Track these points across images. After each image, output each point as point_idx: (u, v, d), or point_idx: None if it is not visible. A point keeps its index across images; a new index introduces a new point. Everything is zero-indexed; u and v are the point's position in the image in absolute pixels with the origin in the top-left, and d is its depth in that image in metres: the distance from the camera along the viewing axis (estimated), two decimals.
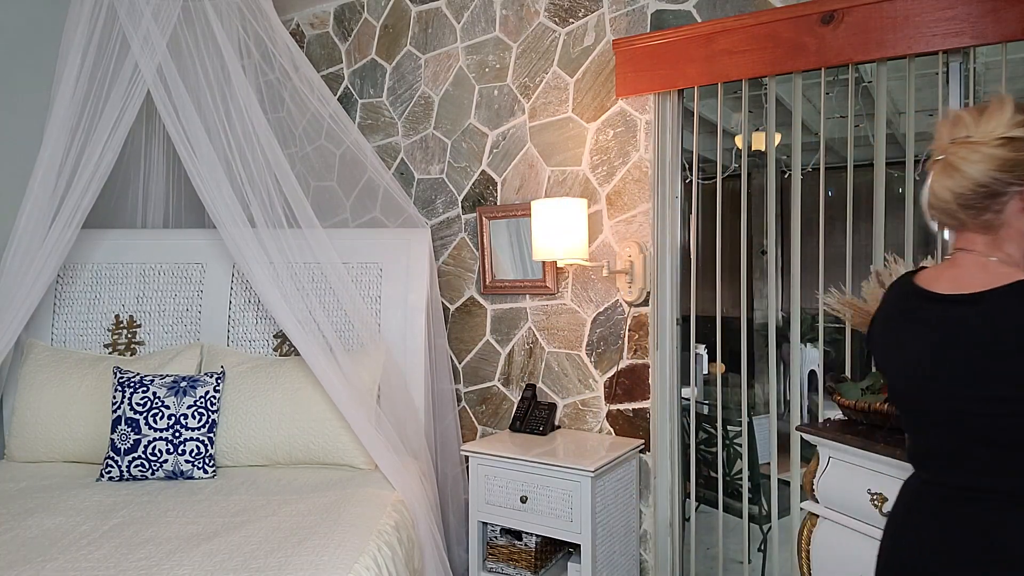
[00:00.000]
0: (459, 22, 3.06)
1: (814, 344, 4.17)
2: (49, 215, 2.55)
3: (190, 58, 2.66)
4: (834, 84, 3.05)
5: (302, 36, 3.55)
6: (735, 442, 2.97)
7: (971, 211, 1.20)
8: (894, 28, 2.08)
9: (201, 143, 2.56)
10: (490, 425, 3.03)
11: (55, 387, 2.61)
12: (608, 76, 2.68)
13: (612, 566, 2.43)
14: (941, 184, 1.22)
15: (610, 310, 2.71)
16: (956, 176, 1.20)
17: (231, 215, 2.56)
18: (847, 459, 1.74)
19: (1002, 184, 1.16)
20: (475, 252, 3.05)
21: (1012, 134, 1.16)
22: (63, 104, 2.54)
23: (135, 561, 1.79)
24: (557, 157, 2.82)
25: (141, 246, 2.96)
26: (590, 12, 2.72)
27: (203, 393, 2.50)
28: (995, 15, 1.94)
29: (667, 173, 2.60)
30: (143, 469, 2.40)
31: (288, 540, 1.92)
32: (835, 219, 2.60)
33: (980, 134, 1.18)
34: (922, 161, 1.97)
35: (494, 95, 2.98)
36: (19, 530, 1.97)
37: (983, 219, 1.20)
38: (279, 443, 2.53)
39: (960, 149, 1.20)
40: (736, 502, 2.78)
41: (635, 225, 2.64)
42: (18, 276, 2.51)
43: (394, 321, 2.84)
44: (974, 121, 1.20)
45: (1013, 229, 1.18)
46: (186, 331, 2.90)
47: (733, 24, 2.34)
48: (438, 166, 3.15)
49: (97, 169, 2.55)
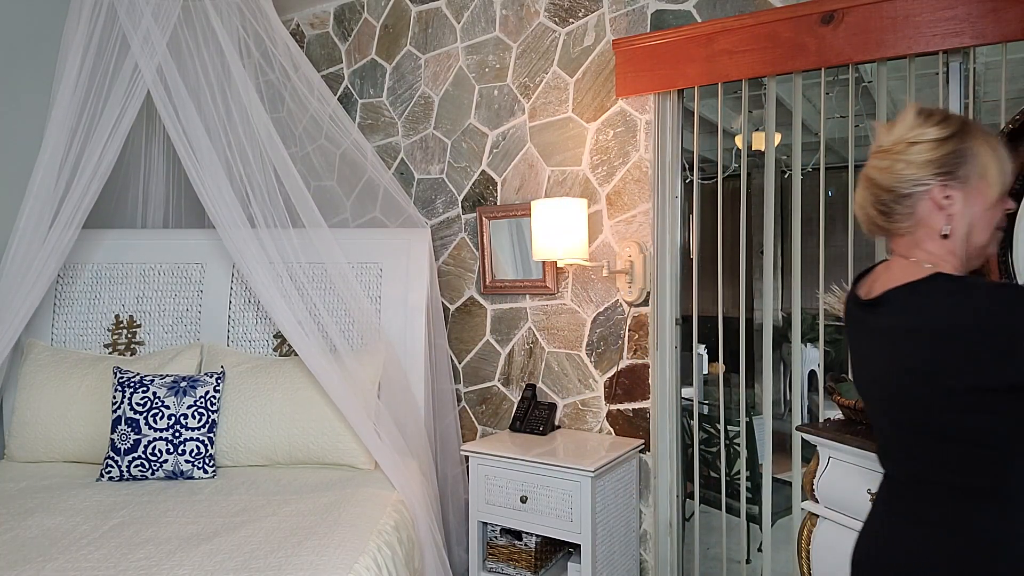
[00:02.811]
0: (459, 22, 3.06)
1: (814, 344, 4.15)
2: (49, 215, 2.55)
3: (190, 58, 2.66)
4: (834, 84, 3.06)
5: (302, 36, 3.55)
6: (735, 442, 2.97)
7: (889, 217, 1.25)
8: (894, 28, 2.08)
9: (201, 143, 2.56)
10: (490, 425, 3.03)
11: (55, 387, 2.61)
12: (608, 76, 2.68)
13: (612, 566, 2.43)
14: (861, 196, 1.30)
15: (610, 310, 2.71)
16: (871, 186, 1.27)
17: (231, 216, 2.56)
18: (847, 459, 1.74)
19: (909, 186, 1.21)
20: (475, 252, 3.05)
21: (912, 137, 1.21)
22: (63, 104, 2.54)
23: (135, 561, 1.79)
24: (557, 157, 2.82)
25: (141, 246, 2.96)
26: (590, 12, 2.72)
27: (203, 393, 2.50)
28: (995, 15, 1.94)
29: (667, 173, 2.60)
30: (143, 469, 2.40)
31: (288, 540, 1.92)
32: (835, 219, 2.60)
33: (888, 142, 1.24)
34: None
35: (494, 95, 2.98)
36: (19, 530, 1.97)
37: (901, 223, 1.24)
38: (279, 443, 2.53)
39: (873, 159, 1.27)
40: (736, 502, 2.78)
41: (635, 225, 2.64)
42: (18, 276, 2.51)
43: (394, 321, 2.84)
44: (885, 131, 1.26)
45: (929, 228, 1.22)
46: (186, 331, 2.90)
47: (733, 24, 2.34)
48: (438, 166, 3.15)
49: (97, 169, 2.55)
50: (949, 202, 1.19)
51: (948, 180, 1.19)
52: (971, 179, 1.19)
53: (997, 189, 1.20)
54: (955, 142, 1.19)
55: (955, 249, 1.21)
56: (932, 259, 1.22)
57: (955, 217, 1.19)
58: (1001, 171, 1.20)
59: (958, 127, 1.20)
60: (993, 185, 1.19)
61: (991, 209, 1.21)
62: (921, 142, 1.20)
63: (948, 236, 1.20)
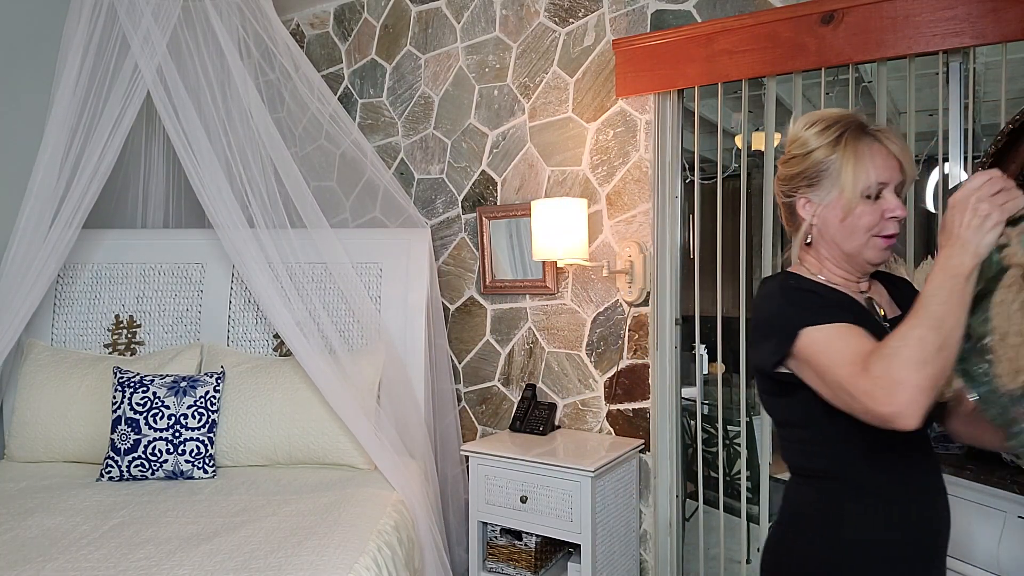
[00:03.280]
0: (459, 22, 3.06)
1: None
2: (49, 215, 2.55)
3: (190, 58, 2.66)
4: (834, 84, 3.05)
5: (302, 36, 3.55)
6: (735, 442, 2.96)
7: (786, 221, 1.34)
8: (894, 28, 2.08)
9: (201, 144, 2.56)
10: (490, 425, 3.03)
11: (55, 387, 2.61)
12: (608, 76, 2.68)
13: (612, 566, 2.43)
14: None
15: (610, 310, 2.71)
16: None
17: (231, 217, 2.56)
18: None
19: (783, 196, 1.30)
20: (475, 252, 3.05)
21: (789, 150, 1.28)
22: (63, 104, 2.54)
23: (135, 561, 1.79)
24: (557, 157, 2.82)
25: (141, 246, 2.96)
26: (590, 12, 2.72)
27: (203, 393, 2.50)
28: (995, 15, 1.94)
29: (667, 173, 2.60)
30: (143, 469, 2.40)
31: (288, 540, 1.92)
32: None
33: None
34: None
35: (494, 95, 2.98)
36: (19, 530, 1.97)
37: (790, 228, 1.33)
38: (279, 443, 2.53)
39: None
40: (736, 502, 2.78)
41: (635, 225, 2.64)
42: (18, 276, 2.51)
43: (394, 321, 2.84)
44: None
45: (800, 235, 1.29)
46: (186, 331, 2.90)
47: (733, 24, 2.34)
48: (438, 166, 3.15)
49: (97, 169, 2.55)
50: (808, 212, 1.26)
51: (808, 193, 1.25)
52: (831, 191, 1.22)
53: (853, 200, 1.20)
54: (820, 153, 1.22)
55: (827, 255, 1.26)
56: (806, 263, 1.29)
57: (816, 228, 1.25)
58: (856, 180, 1.20)
59: (829, 138, 1.22)
60: (849, 196, 1.20)
61: (852, 218, 1.21)
62: (791, 156, 1.27)
63: (811, 244, 1.28)
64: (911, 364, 0.96)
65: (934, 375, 0.96)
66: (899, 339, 0.99)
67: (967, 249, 0.98)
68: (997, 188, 0.99)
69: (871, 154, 1.20)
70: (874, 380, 0.99)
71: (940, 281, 0.99)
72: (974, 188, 1.00)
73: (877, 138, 1.21)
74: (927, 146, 3.13)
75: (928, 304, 0.99)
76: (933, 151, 2.23)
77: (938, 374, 0.97)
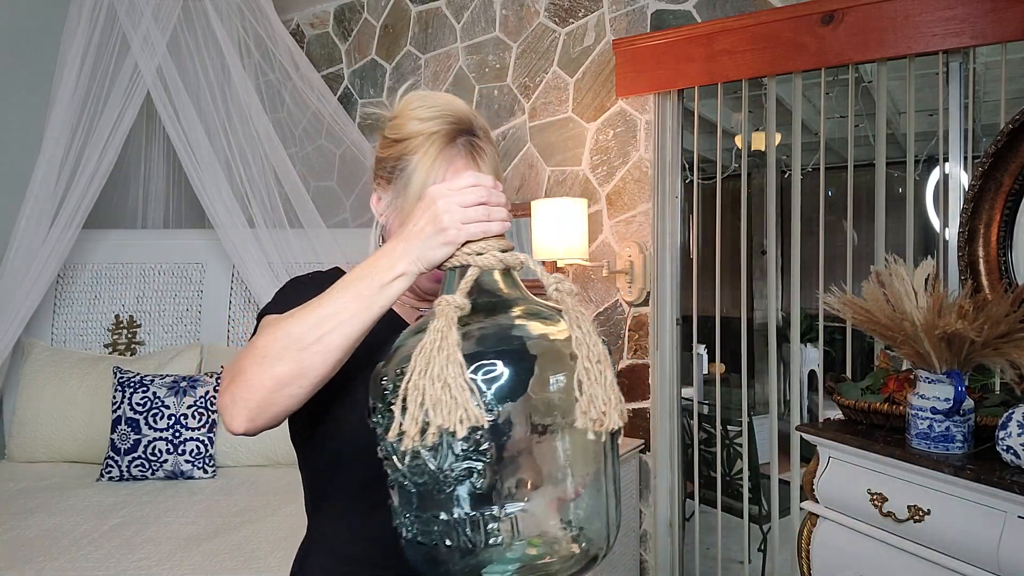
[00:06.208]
0: (459, 22, 3.06)
1: (814, 344, 4.15)
2: (49, 215, 2.55)
3: (190, 59, 2.66)
4: (834, 84, 3.06)
5: (302, 36, 3.55)
6: (735, 442, 2.96)
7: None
8: (894, 28, 2.08)
9: (201, 144, 2.56)
10: None
11: (55, 387, 2.61)
12: (608, 76, 2.68)
13: (612, 566, 2.43)
14: None
15: (610, 310, 2.71)
16: None
17: (230, 217, 2.56)
18: (847, 459, 1.74)
19: (372, 177, 1.02)
20: None
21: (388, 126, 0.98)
22: (63, 104, 2.54)
23: (135, 561, 1.79)
24: (557, 157, 2.82)
25: (141, 246, 2.96)
26: (590, 12, 2.72)
27: (203, 393, 2.50)
28: (995, 15, 1.94)
29: (667, 173, 2.60)
30: (143, 469, 2.40)
31: (288, 540, 1.92)
32: (835, 219, 2.60)
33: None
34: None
35: (494, 95, 2.98)
36: (19, 530, 1.97)
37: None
38: (279, 443, 2.53)
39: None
40: (736, 502, 2.78)
41: (635, 225, 2.64)
42: (18, 276, 2.51)
43: None
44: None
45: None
46: (186, 331, 2.90)
47: (733, 24, 2.34)
48: None
49: (97, 169, 2.55)
50: (376, 207, 0.98)
51: (385, 185, 0.95)
52: (400, 191, 0.93)
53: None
54: (403, 146, 0.92)
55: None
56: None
57: (386, 228, 0.98)
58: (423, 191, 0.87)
59: (414, 131, 0.92)
60: (411, 206, 0.90)
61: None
62: (383, 137, 0.96)
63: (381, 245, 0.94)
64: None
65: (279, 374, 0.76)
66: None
67: (407, 254, 0.76)
68: (479, 199, 0.76)
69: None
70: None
71: (358, 272, 0.78)
72: (454, 188, 0.77)
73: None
74: (927, 146, 3.13)
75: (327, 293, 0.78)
76: (933, 151, 2.24)
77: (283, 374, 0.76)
